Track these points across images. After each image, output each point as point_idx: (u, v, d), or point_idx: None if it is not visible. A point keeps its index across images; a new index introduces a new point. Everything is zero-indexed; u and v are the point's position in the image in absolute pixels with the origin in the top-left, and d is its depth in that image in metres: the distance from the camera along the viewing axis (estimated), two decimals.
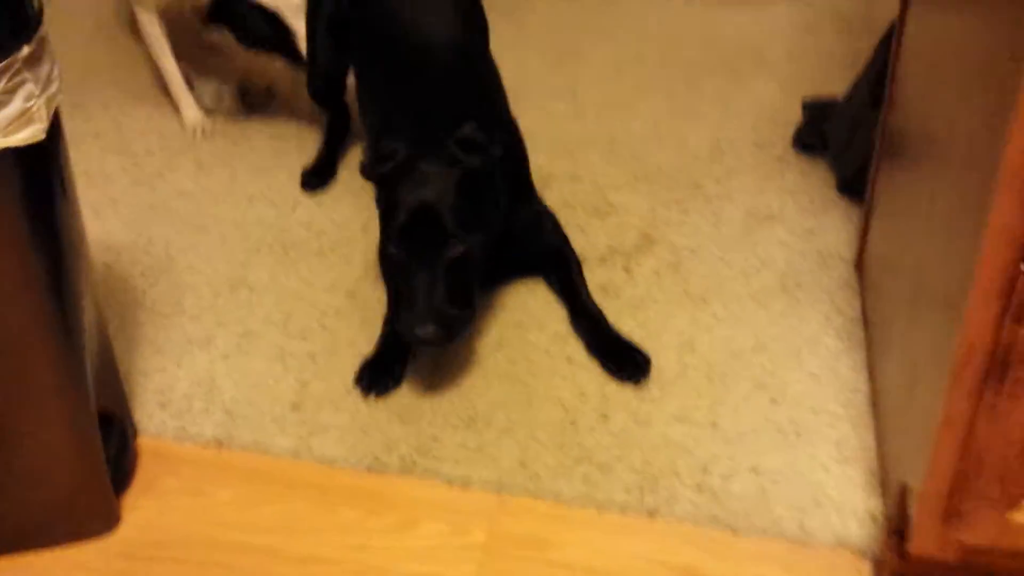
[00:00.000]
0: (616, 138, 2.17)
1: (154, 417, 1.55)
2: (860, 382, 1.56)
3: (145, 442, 1.53)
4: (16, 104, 1.12)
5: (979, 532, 1.11)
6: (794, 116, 2.20)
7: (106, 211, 2.01)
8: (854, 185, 1.95)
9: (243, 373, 1.62)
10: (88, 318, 1.35)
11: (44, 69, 1.17)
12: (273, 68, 2.34)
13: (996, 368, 1.00)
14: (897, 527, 1.22)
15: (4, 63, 1.09)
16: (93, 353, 1.37)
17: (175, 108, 2.32)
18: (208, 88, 2.32)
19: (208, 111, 2.29)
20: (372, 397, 1.56)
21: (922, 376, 1.17)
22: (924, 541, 1.14)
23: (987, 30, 1.02)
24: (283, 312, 1.74)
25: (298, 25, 2.09)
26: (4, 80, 1.10)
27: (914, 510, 1.14)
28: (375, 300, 1.74)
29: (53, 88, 1.19)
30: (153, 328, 1.71)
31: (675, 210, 1.95)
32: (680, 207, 1.96)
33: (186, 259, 1.87)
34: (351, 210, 1.99)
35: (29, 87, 1.14)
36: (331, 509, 1.42)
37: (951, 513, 1.11)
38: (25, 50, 1.12)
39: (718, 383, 1.57)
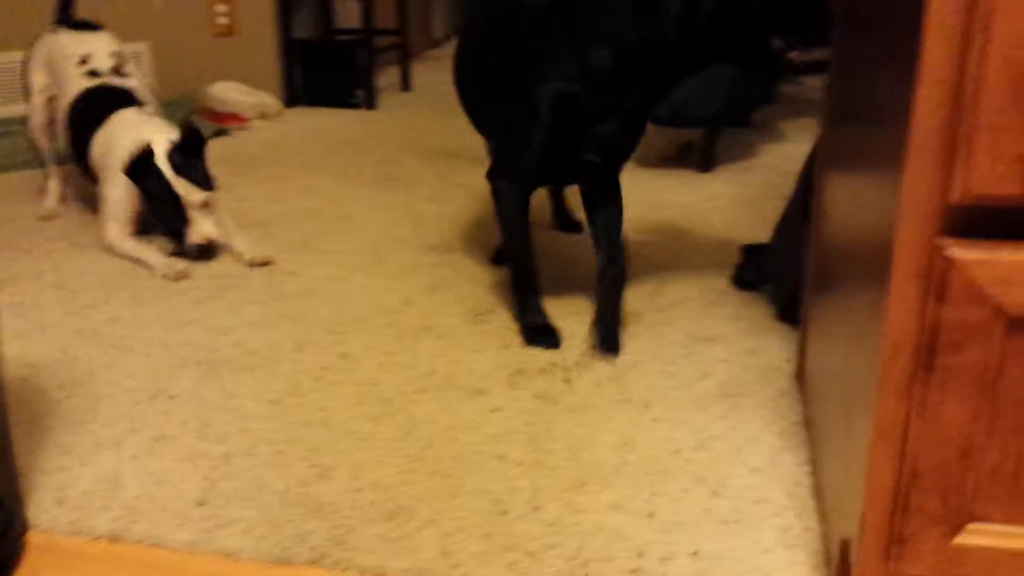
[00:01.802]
0: (562, 277, 2.18)
1: (48, 512, 1.42)
2: (803, 476, 1.47)
3: (35, 536, 1.39)
4: None
5: (924, 561, 1.01)
6: (734, 260, 2.23)
7: (33, 335, 1.95)
8: (791, 312, 1.94)
9: (149, 472, 1.51)
10: None
11: None
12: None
13: (923, 358, 0.95)
14: None
15: None
16: None
17: (120, 256, 2.34)
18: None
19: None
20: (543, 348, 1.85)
21: (855, 441, 1.10)
22: None
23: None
24: (201, 419, 1.65)
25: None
26: None
27: (855, 548, 1.04)
28: (301, 408, 1.67)
29: None
30: (62, 432, 1.61)
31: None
32: (623, 332, 1.93)
33: (107, 374, 1.80)
34: (285, 334, 1.95)
35: None
36: None
37: (893, 540, 1.01)
38: None
39: (657, 477, 1.48)
